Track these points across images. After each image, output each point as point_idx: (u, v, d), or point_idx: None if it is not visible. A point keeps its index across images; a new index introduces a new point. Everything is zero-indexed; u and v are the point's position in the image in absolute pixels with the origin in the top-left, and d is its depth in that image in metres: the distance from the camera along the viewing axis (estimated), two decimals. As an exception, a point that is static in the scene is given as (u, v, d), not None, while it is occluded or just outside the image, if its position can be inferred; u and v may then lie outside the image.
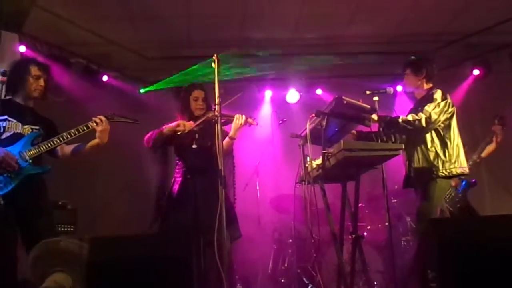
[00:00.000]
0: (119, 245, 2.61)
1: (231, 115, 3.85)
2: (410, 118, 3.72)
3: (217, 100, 3.31)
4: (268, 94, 7.02)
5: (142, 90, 6.63)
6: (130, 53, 6.25)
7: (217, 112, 3.29)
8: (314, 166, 3.47)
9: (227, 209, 3.24)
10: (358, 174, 3.54)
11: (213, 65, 3.37)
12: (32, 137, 3.48)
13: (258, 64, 6.09)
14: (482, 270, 2.23)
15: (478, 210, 4.71)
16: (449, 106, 3.84)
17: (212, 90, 3.45)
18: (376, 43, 6.17)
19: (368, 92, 3.74)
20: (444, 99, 3.82)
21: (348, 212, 3.77)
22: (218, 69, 3.38)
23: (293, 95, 6.86)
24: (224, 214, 3.06)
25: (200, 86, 4.13)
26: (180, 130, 3.89)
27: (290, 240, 5.45)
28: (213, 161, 3.26)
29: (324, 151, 3.30)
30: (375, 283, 4.64)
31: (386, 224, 4.11)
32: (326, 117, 3.34)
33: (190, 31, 5.77)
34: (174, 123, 3.93)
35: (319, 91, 6.92)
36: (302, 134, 3.67)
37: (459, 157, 3.86)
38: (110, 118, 3.64)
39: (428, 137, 3.85)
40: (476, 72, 6.38)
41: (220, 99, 3.32)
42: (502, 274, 2.22)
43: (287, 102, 6.87)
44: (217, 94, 3.32)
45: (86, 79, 6.05)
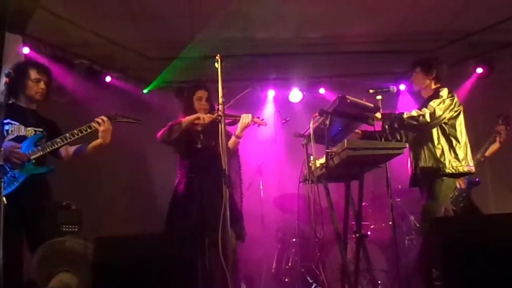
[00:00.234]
0: (124, 245, 2.63)
1: (238, 115, 3.86)
2: (414, 113, 3.72)
3: (220, 100, 3.31)
4: (271, 93, 7.02)
5: (145, 90, 6.65)
6: (132, 53, 6.25)
7: (220, 112, 3.30)
8: (318, 165, 3.48)
9: (232, 208, 3.24)
10: (362, 173, 3.54)
11: (216, 65, 3.38)
12: (35, 139, 3.50)
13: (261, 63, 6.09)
14: (486, 269, 2.24)
15: (481, 209, 4.70)
16: (455, 105, 3.83)
17: (215, 92, 3.45)
18: (378, 42, 6.15)
19: (371, 91, 3.75)
20: (450, 97, 3.81)
21: (352, 211, 3.76)
22: (221, 68, 3.38)
23: (296, 95, 6.86)
24: (228, 213, 3.06)
25: (203, 86, 4.13)
26: (199, 122, 3.90)
27: (294, 239, 5.46)
28: (217, 160, 3.26)
29: (327, 150, 3.31)
30: (379, 282, 4.63)
31: (390, 223, 4.09)
32: (330, 116, 3.33)
33: (192, 31, 5.76)
34: (193, 116, 3.92)
35: (322, 90, 6.91)
36: (306, 133, 3.66)
37: (467, 156, 3.86)
38: (112, 118, 3.65)
39: (434, 135, 3.85)
40: (479, 70, 6.36)
41: (223, 99, 3.32)
42: (506, 273, 2.22)
43: (290, 102, 6.88)
44: (220, 94, 3.32)
45: (89, 80, 6.07)
